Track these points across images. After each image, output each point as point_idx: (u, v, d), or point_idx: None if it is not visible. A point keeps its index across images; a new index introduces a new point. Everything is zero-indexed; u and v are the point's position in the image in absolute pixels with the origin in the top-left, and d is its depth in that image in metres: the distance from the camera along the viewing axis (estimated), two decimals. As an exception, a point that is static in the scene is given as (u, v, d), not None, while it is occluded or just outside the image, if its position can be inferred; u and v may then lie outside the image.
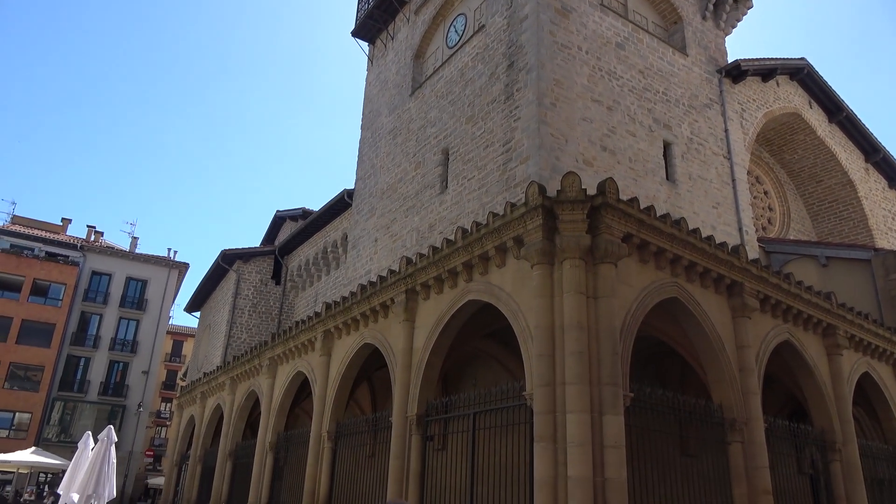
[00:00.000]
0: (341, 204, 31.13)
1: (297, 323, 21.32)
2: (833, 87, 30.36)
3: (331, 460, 17.63)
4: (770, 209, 31.82)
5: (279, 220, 41.65)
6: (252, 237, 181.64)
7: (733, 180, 23.99)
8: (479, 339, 16.54)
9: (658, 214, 12.61)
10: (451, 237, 15.44)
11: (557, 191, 11.73)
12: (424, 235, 21.89)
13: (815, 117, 30.40)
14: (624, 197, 12.30)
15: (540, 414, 10.68)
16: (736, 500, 12.61)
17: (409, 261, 15.50)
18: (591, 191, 11.78)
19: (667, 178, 21.50)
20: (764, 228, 30.30)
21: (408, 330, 15.12)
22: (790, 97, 29.50)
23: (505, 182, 18.54)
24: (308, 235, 35.16)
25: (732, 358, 13.64)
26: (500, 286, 12.63)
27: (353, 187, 29.21)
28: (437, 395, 15.42)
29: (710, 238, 13.61)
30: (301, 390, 21.55)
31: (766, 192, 31.95)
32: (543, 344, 11.00)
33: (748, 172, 26.57)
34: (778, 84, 28.87)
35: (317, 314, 19.74)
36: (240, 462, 24.30)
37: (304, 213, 38.03)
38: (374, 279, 18.43)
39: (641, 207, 12.25)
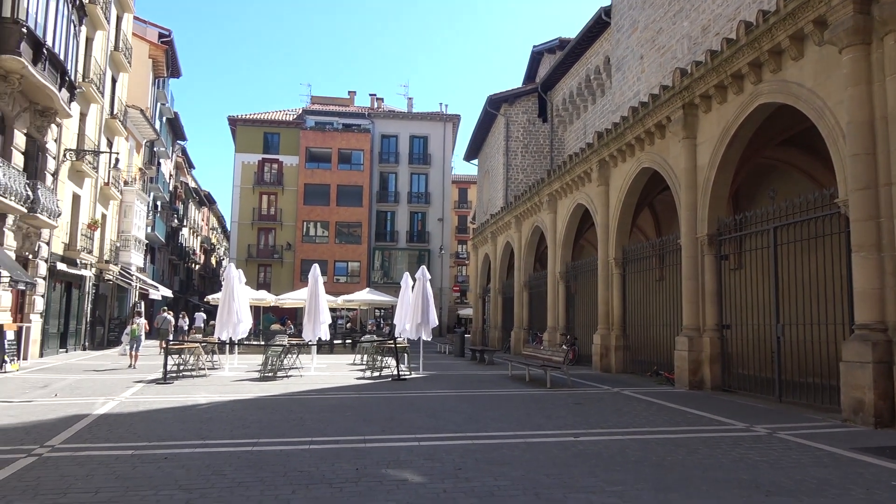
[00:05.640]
0: (599, 25, 29.13)
1: (570, 157, 21.39)
2: None
3: (620, 285, 18.10)
4: None
5: (537, 56, 40.79)
6: (514, 79, 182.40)
7: None
8: (774, 148, 14.80)
9: None
10: (732, 35, 13.61)
11: (873, -53, 9.36)
12: (697, 41, 19.58)
13: None
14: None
15: (858, 221, 9.39)
16: None
17: (683, 72, 14.16)
18: (924, -64, 9.14)
19: None
20: None
21: (689, 148, 14.15)
22: None
23: (795, -45, 15.34)
24: (568, 66, 33.97)
25: None
26: (798, 82, 10.90)
27: (609, 3, 27.00)
28: (729, 212, 14.49)
29: None
30: (583, 222, 22.05)
31: None
32: (860, 141, 9.39)
33: None
34: None
35: (589, 145, 19.50)
36: (534, 291, 26.37)
37: (562, 44, 36.55)
38: (645, 99, 17.33)
39: None
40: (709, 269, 13.67)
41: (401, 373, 15.89)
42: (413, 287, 18.48)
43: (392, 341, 17.59)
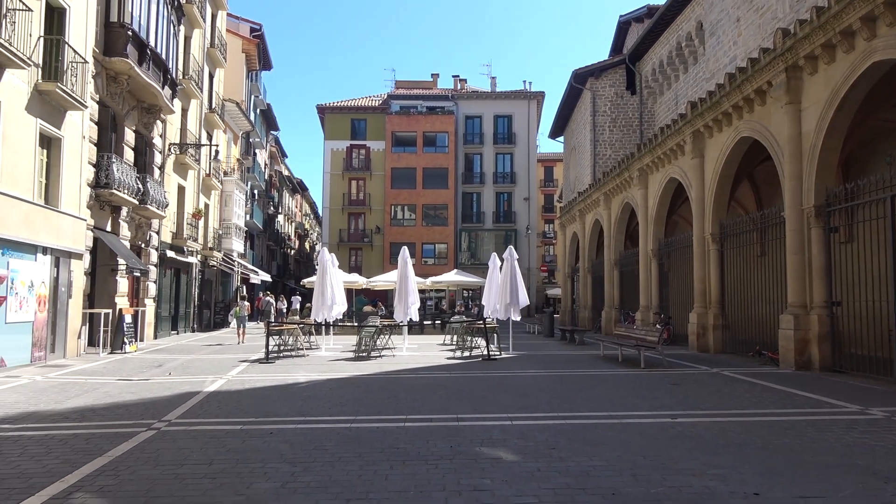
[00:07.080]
0: (690, -11, 27.67)
1: (661, 129, 20.57)
2: None
3: (718, 262, 17.32)
4: None
5: (624, 26, 39.29)
6: (599, 52, 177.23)
7: None
8: (891, 109, 13.65)
9: None
10: (840, -10, 12.57)
11: None
12: (800, -1, 18.24)
13: None
14: None
15: None
16: None
17: (785, 32, 13.25)
18: None
19: None
20: None
21: (793, 114, 13.27)
22: None
23: None
24: (657, 34, 32.51)
25: None
26: (918, 36, 9.97)
27: (701, -34, 25.59)
28: (838, 181, 13.52)
29: None
30: (675, 196, 21.20)
31: None
32: None
33: None
34: None
35: (681, 116, 18.68)
36: (625, 270, 25.69)
37: (650, 11, 35.05)
38: (743, 64, 16.38)
39: None
40: (816, 243, 12.85)
41: (491, 353, 15.96)
42: (501, 267, 18.43)
43: (481, 321, 17.65)
